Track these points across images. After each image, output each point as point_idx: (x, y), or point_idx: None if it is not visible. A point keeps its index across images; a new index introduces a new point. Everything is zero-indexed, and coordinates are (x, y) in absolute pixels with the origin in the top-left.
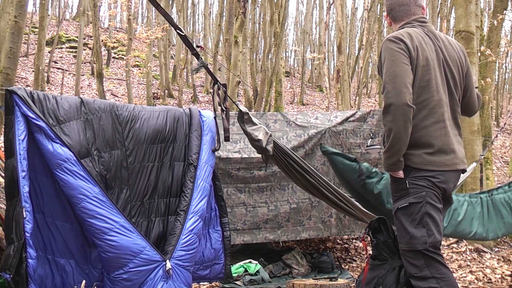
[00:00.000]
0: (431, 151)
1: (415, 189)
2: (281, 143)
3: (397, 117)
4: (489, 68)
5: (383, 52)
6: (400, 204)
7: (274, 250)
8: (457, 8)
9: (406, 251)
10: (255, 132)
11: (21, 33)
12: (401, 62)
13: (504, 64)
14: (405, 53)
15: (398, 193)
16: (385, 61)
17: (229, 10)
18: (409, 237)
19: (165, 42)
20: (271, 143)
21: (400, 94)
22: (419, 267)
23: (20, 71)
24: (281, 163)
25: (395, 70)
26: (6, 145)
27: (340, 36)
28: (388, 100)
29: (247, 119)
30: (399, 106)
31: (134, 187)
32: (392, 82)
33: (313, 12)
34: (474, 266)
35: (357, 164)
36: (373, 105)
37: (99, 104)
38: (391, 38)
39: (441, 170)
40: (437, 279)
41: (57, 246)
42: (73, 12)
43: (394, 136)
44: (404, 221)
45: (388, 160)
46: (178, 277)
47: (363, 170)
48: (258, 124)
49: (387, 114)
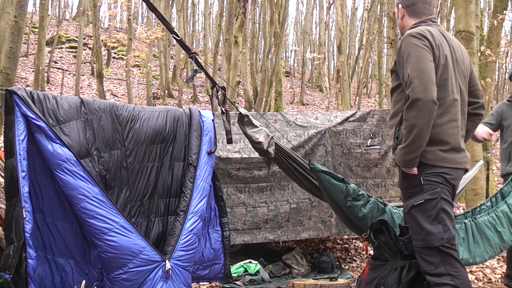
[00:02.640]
0: (445, 148)
1: (430, 185)
2: (283, 144)
3: (423, 113)
4: (489, 68)
5: (406, 47)
6: (415, 201)
7: (274, 250)
8: (457, 8)
9: (421, 248)
10: (256, 135)
11: (21, 33)
12: (426, 58)
13: (504, 64)
14: (429, 50)
15: (411, 190)
16: (409, 56)
17: (229, 10)
18: (425, 233)
19: (165, 42)
20: (273, 145)
21: (427, 90)
22: (435, 264)
23: (20, 71)
24: (283, 165)
25: (422, 66)
26: (6, 145)
27: (340, 36)
28: (414, 95)
29: (247, 122)
30: (426, 103)
31: (134, 187)
32: (419, 78)
33: (313, 12)
34: (474, 266)
35: (344, 184)
36: (373, 105)
37: (99, 104)
38: (414, 34)
39: (453, 167)
40: (453, 277)
41: (57, 246)
42: (73, 12)
43: (417, 132)
44: (420, 218)
45: (406, 156)
46: (178, 277)
47: (349, 191)
48: (259, 126)
49: (412, 109)
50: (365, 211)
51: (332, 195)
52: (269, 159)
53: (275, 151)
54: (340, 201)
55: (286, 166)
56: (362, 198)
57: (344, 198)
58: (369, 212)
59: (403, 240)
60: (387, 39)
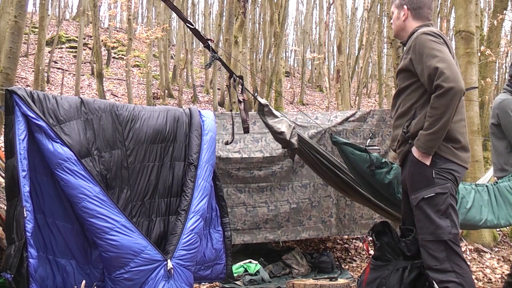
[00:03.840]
0: (457, 146)
1: (442, 180)
2: (306, 136)
3: (454, 102)
4: (489, 68)
5: (424, 43)
6: (426, 194)
7: (274, 250)
8: (457, 8)
9: (428, 241)
10: (278, 125)
11: (21, 33)
12: (448, 53)
13: (504, 64)
14: (446, 47)
15: (421, 182)
16: (431, 51)
17: (229, 10)
18: (434, 227)
19: (165, 42)
20: (296, 136)
21: (459, 80)
22: (440, 260)
23: (20, 71)
24: (307, 157)
25: (447, 58)
26: (6, 145)
27: (340, 36)
28: (448, 84)
29: (268, 111)
30: (459, 91)
31: (135, 187)
32: (450, 69)
33: (313, 12)
34: (474, 266)
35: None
36: (373, 105)
37: (99, 104)
38: (431, 33)
39: (462, 165)
40: (457, 274)
41: (58, 246)
42: (73, 12)
43: (446, 120)
44: (430, 212)
45: (431, 142)
46: (180, 276)
47: (373, 160)
48: (280, 117)
49: (444, 97)
50: (390, 177)
51: (357, 166)
52: (293, 151)
53: (298, 143)
54: (364, 171)
55: (310, 158)
56: (385, 166)
57: (368, 167)
58: (394, 178)
59: (405, 242)
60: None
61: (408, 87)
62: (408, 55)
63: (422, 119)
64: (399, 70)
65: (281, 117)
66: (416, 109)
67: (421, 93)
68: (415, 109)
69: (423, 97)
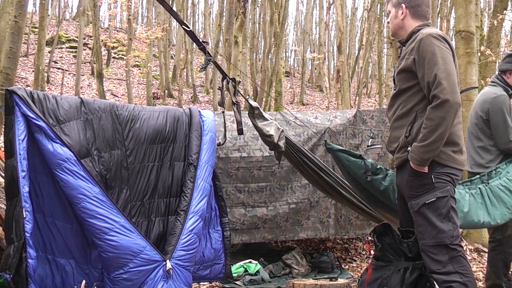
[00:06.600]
0: (456, 149)
1: (441, 184)
2: (293, 139)
3: (450, 115)
4: (489, 68)
5: (429, 47)
6: (427, 199)
7: (274, 250)
8: (457, 8)
9: (430, 246)
10: (267, 128)
11: (21, 33)
12: (451, 61)
13: None
14: (450, 53)
15: (420, 189)
16: (434, 57)
17: (229, 10)
18: (436, 231)
19: (165, 42)
20: (283, 139)
21: (456, 93)
22: (443, 263)
23: (20, 71)
24: (294, 160)
25: (448, 68)
26: (6, 145)
27: (340, 36)
28: (444, 96)
29: (258, 114)
30: (454, 105)
31: (134, 187)
32: (448, 80)
33: (313, 12)
34: (474, 266)
35: (362, 160)
36: (373, 105)
37: (99, 104)
38: (436, 36)
39: (459, 168)
40: (461, 274)
41: (57, 246)
42: (73, 12)
43: (441, 132)
44: (431, 216)
45: (425, 154)
46: (178, 277)
47: (368, 166)
48: (269, 120)
49: (440, 109)
50: (385, 184)
51: (352, 173)
52: (280, 154)
53: (285, 145)
54: (360, 177)
55: (297, 161)
56: (381, 172)
57: (364, 174)
58: (389, 184)
59: (407, 243)
60: (387, 39)
61: (410, 89)
62: (411, 56)
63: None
64: (400, 70)
65: (271, 120)
66: (417, 112)
67: (423, 95)
68: (416, 111)
69: (424, 100)
